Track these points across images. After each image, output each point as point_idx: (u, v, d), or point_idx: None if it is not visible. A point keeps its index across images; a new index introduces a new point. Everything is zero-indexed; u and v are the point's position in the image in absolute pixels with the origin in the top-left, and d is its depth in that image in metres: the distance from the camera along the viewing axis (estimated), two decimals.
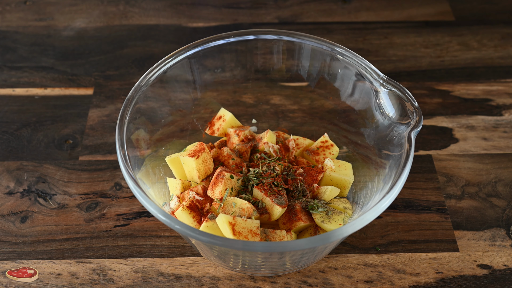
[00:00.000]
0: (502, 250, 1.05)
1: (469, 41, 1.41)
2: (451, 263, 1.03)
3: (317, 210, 0.99)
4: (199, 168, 1.02)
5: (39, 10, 1.48)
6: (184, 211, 0.97)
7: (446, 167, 1.16)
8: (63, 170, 1.16)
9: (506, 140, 1.21)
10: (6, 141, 1.21)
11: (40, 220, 1.08)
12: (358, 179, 1.06)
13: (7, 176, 1.15)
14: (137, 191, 0.89)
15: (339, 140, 1.12)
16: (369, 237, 1.06)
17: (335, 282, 1.00)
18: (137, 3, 1.51)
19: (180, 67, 1.06)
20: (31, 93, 1.30)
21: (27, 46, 1.40)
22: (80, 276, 1.01)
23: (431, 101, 1.28)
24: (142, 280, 1.01)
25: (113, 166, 1.16)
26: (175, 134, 1.11)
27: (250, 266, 0.97)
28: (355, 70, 1.06)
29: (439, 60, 1.37)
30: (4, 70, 1.34)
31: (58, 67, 1.35)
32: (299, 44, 1.09)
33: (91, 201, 1.11)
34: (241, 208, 0.96)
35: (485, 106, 1.27)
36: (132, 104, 0.99)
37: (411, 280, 1.01)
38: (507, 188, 1.13)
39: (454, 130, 1.23)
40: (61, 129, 1.23)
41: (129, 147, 0.96)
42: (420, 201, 1.11)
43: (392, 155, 0.98)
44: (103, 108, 1.26)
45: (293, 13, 1.48)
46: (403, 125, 0.97)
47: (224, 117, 1.12)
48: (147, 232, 1.07)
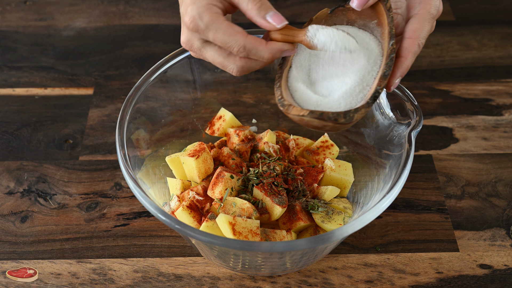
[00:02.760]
0: (502, 250, 1.05)
1: (469, 41, 1.41)
2: (451, 263, 1.03)
3: (317, 210, 0.99)
4: (199, 168, 1.02)
5: (39, 10, 1.49)
6: (184, 211, 0.97)
7: (446, 167, 1.16)
8: (63, 170, 1.16)
9: (506, 140, 1.21)
10: (6, 141, 1.21)
11: (40, 220, 1.08)
12: (358, 179, 1.06)
13: (7, 176, 1.15)
14: (137, 191, 0.89)
15: (339, 140, 1.12)
16: (369, 237, 1.06)
17: (335, 282, 1.00)
18: (137, 3, 1.51)
19: (180, 67, 1.06)
20: (31, 93, 1.30)
21: (27, 46, 1.40)
22: (80, 276, 1.01)
23: (431, 101, 1.28)
24: (142, 280, 1.01)
25: (113, 166, 1.16)
26: (175, 134, 1.11)
27: (250, 266, 0.97)
28: None
29: (439, 60, 1.37)
30: (4, 70, 1.34)
31: (58, 67, 1.35)
32: None
33: (91, 201, 1.11)
34: (241, 208, 0.96)
35: (485, 106, 1.27)
36: (132, 104, 0.99)
37: (411, 280, 1.01)
38: (507, 188, 1.13)
39: (454, 130, 1.23)
40: (61, 129, 1.23)
41: (129, 147, 0.96)
42: (420, 201, 1.11)
43: (392, 155, 0.98)
44: (103, 108, 1.26)
45: (293, 13, 1.48)
46: (403, 125, 0.97)
47: (224, 117, 1.12)
48: (147, 232, 1.07)
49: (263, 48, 0.84)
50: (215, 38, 0.83)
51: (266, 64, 0.87)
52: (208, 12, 0.83)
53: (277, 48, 0.85)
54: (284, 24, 0.85)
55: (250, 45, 0.83)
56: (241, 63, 0.86)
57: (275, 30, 0.86)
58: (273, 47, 0.85)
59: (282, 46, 0.86)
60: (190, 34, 0.86)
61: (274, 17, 0.85)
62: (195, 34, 0.85)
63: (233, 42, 0.83)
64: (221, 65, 0.87)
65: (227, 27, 0.83)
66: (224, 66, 0.87)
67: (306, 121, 0.84)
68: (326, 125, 0.84)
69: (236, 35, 0.83)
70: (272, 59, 0.85)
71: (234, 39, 0.83)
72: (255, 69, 0.87)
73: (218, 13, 0.84)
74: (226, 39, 0.83)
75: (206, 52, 0.87)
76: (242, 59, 0.85)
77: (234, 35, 0.83)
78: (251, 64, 0.86)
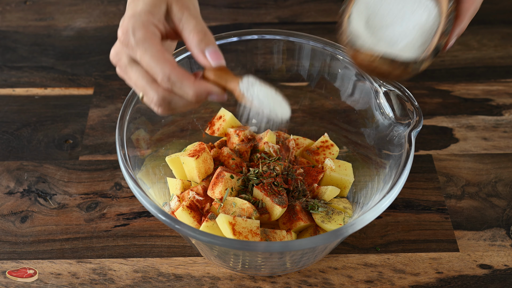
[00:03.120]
0: (502, 250, 1.05)
1: (469, 41, 1.41)
2: (451, 263, 1.03)
3: (317, 210, 0.99)
4: (199, 168, 1.02)
5: (39, 10, 1.48)
6: (184, 211, 0.97)
7: (446, 167, 1.16)
8: (63, 170, 1.16)
9: (506, 140, 1.21)
10: (6, 141, 1.21)
11: (40, 220, 1.08)
12: (358, 179, 1.06)
13: (7, 176, 1.15)
14: (137, 191, 0.89)
15: (339, 140, 1.12)
16: (369, 237, 1.06)
17: (335, 282, 1.00)
18: None
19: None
20: (31, 93, 1.30)
21: (27, 46, 1.40)
22: (80, 276, 1.01)
23: (431, 101, 1.28)
24: (142, 280, 1.01)
25: (113, 166, 1.16)
26: (175, 134, 1.11)
27: (250, 266, 0.97)
28: (355, 70, 1.06)
29: (439, 60, 1.37)
30: (4, 70, 1.34)
31: (58, 67, 1.35)
32: (299, 44, 1.09)
33: (91, 201, 1.11)
34: (241, 208, 0.96)
35: (485, 106, 1.27)
36: (132, 104, 0.99)
37: (411, 280, 1.01)
38: (507, 188, 1.13)
39: (454, 130, 1.23)
40: (61, 129, 1.23)
41: (129, 147, 0.96)
42: (420, 201, 1.11)
43: (392, 155, 0.98)
44: (103, 108, 1.26)
45: (293, 13, 1.48)
46: (403, 125, 0.97)
47: (224, 117, 1.12)
48: (147, 232, 1.07)
49: (189, 84, 0.77)
50: (142, 59, 0.77)
51: (192, 105, 0.80)
52: (143, 29, 0.78)
53: (204, 88, 0.79)
54: (220, 64, 0.80)
55: (175, 78, 0.77)
56: (162, 94, 0.78)
57: (210, 69, 0.81)
58: (200, 87, 0.78)
59: (210, 88, 0.79)
60: (120, 48, 0.80)
61: (212, 54, 0.80)
62: (125, 49, 0.80)
63: (159, 68, 0.77)
64: (142, 89, 0.80)
65: (157, 51, 0.77)
66: (145, 92, 0.79)
67: (374, 66, 0.82)
68: (393, 72, 0.82)
69: (165, 62, 0.77)
70: (197, 98, 0.78)
71: (160, 66, 0.77)
72: (179, 108, 0.80)
73: (155, 34, 0.79)
74: (152, 63, 0.77)
75: (131, 71, 0.80)
76: (165, 90, 0.78)
77: (162, 62, 0.77)
78: (173, 99, 0.79)
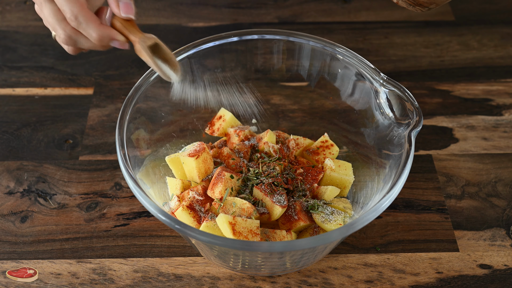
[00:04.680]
0: (502, 250, 1.05)
1: (469, 41, 1.41)
2: (451, 263, 1.03)
3: (317, 210, 0.99)
4: (199, 168, 1.02)
5: None
6: (184, 211, 0.97)
7: (446, 167, 1.16)
8: (63, 170, 1.16)
9: (506, 140, 1.21)
10: (6, 141, 1.21)
11: (40, 220, 1.08)
12: (358, 179, 1.06)
13: (7, 176, 1.15)
14: (137, 191, 0.89)
15: (339, 140, 1.12)
16: (369, 237, 1.06)
17: (335, 282, 1.00)
18: (137, 3, 1.50)
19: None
20: (31, 93, 1.30)
21: (27, 46, 1.40)
22: (80, 276, 1.01)
23: (431, 101, 1.28)
24: (142, 280, 1.01)
25: (113, 166, 1.16)
26: (175, 134, 1.11)
27: (250, 266, 0.97)
28: (355, 70, 1.06)
29: (439, 60, 1.37)
30: (4, 70, 1.34)
31: (58, 67, 1.35)
32: (299, 44, 1.09)
33: (91, 201, 1.11)
34: (241, 208, 0.96)
35: (485, 106, 1.27)
36: (132, 104, 0.99)
37: (411, 280, 1.01)
38: (507, 188, 1.13)
39: (454, 130, 1.23)
40: (61, 129, 1.23)
41: (129, 147, 0.96)
42: (420, 201, 1.11)
43: (392, 155, 0.98)
44: (103, 108, 1.26)
45: (293, 13, 1.48)
46: (403, 125, 0.97)
47: (224, 117, 1.12)
48: (147, 232, 1.07)
49: (94, 26, 0.83)
50: None
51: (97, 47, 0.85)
52: None
53: (108, 33, 0.84)
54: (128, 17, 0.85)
55: (82, 18, 0.82)
56: (69, 32, 0.84)
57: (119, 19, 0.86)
58: (104, 31, 0.84)
59: (114, 35, 0.85)
60: None
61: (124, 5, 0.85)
62: None
63: (68, 7, 0.81)
64: (52, 26, 0.85)
65: None
66: (54, 28, 0.85)
67: None
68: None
69: (76, 2, 0.81)
70: (100, 42, 0.84)
71: (70, 5, 0.81)
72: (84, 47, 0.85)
73: None
74: (63, 1, 0.81)
75: (46, 8, 0.84)
76: (72, 29, 0.83)
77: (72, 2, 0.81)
78: (79, 38, 0.84)
